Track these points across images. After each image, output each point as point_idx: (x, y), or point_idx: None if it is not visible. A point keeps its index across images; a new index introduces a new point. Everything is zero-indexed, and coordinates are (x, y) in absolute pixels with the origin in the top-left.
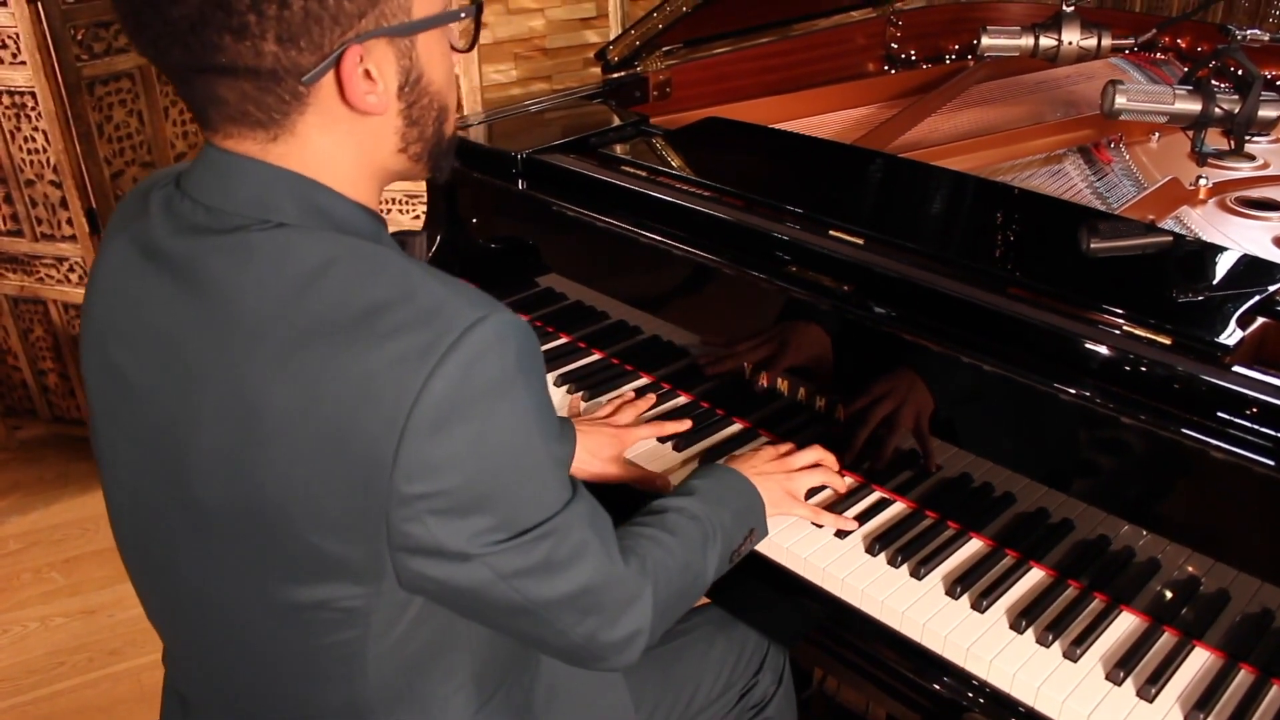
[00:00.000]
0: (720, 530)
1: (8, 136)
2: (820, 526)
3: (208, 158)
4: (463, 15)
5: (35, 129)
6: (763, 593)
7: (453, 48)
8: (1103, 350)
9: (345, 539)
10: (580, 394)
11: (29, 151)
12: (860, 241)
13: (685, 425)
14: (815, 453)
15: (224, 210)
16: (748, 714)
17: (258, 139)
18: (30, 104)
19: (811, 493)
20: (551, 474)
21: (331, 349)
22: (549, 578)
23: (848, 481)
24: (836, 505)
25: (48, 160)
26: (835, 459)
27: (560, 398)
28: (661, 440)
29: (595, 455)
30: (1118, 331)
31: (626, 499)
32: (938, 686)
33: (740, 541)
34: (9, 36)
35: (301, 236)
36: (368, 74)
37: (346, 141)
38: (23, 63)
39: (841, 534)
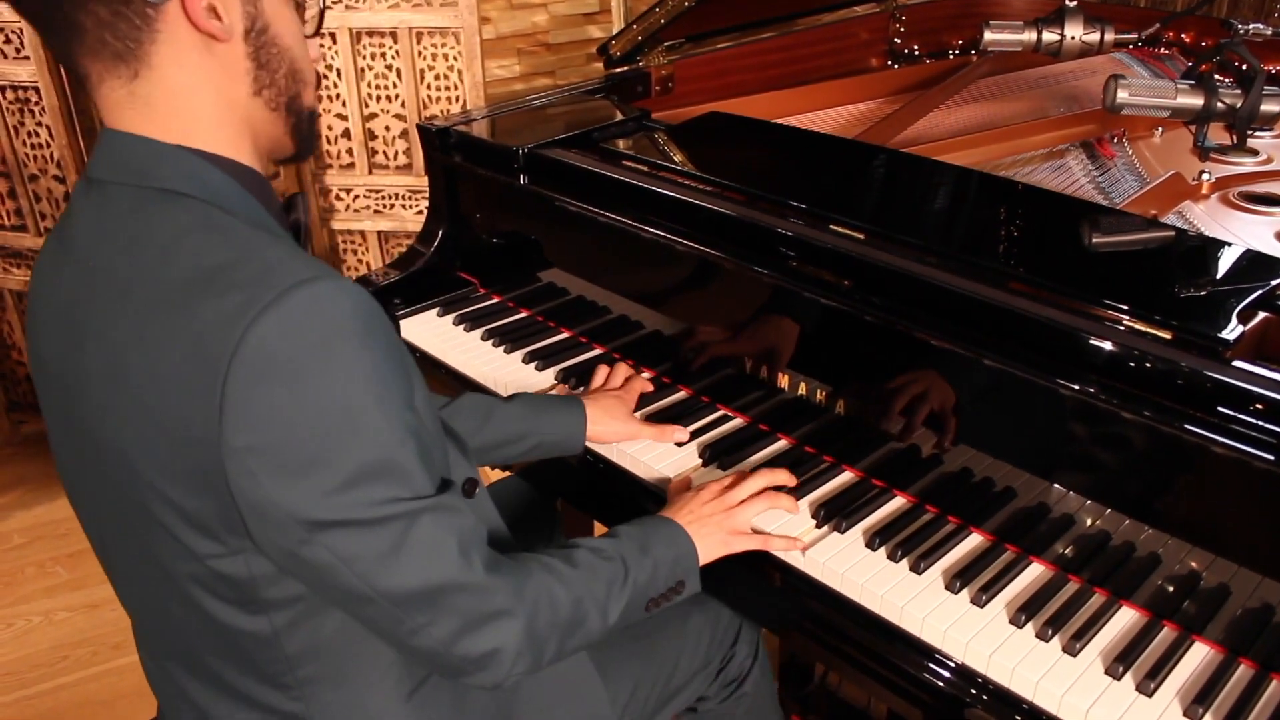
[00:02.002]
0: (633, 575)
1: (11, 131)
2: (819, 523)
3: (101, 139)
4: None
5: (39, 124)
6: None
7: (305, 33)
8: (1103, 345)
9: (200, 496)
10: (581, 389)
11: (33, 146)
12: (861, 236)
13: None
14: (761, 478)
15: (111, 181)
16: (726, 689)
17: (121, 77)
18: (34, 99)
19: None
20: (394, 442)
21: (176, 309)
22: (391, 568)
23: (801, 503)
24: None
25: (51, 155)
26: (787, 474)
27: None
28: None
29: (607, 414)
30: (1118, 326)
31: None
32: (938, 682)
33: (661, 591)
34: (12, 31)
35: (166, 207)
36: (213, 9)
37: (199, 74)
38: (26, 58)
39: (841, 529)
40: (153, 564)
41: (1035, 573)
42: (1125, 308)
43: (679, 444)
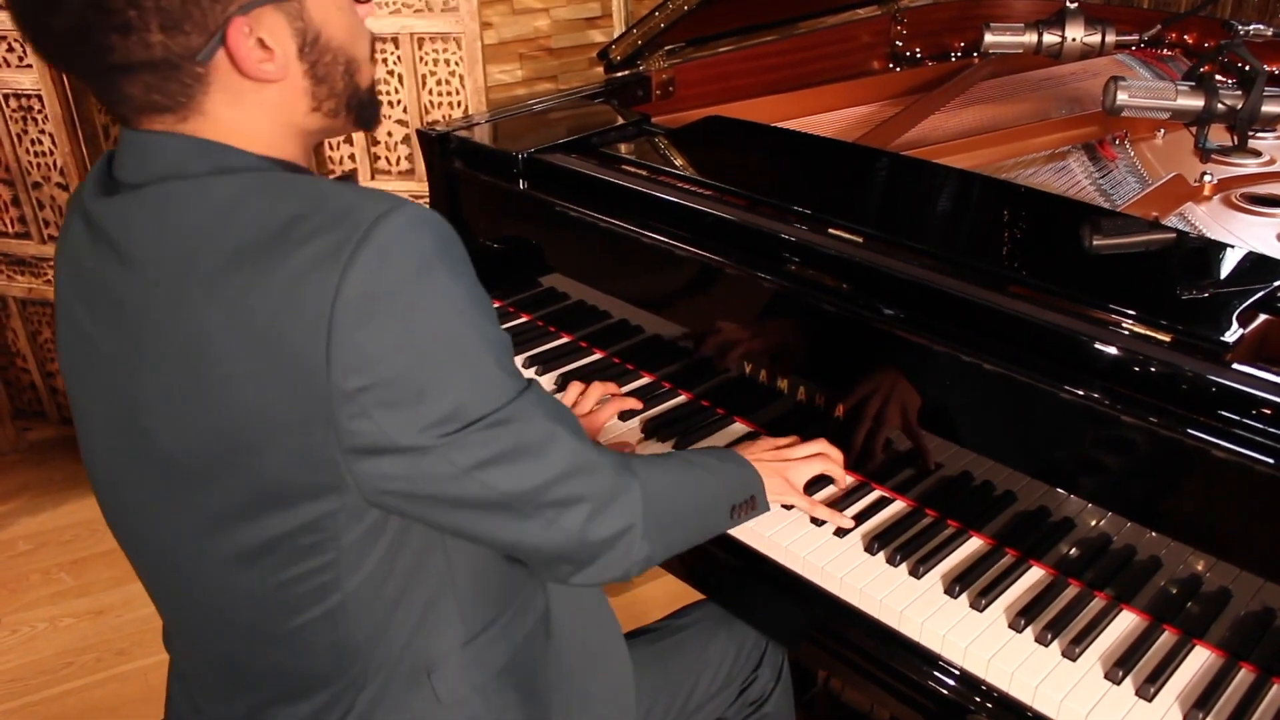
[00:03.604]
0: (720, 474)
1: (15, 139)
2: (819, 524)
3: (125, 139)
4: None
5: (42, 131)
6: (762, 591)
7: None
8: (1103, 348)
9: (297, 454)
10: None
11: (36, 154)
12: (861, 240)
13: (637, 403)
14: (818, 445)
15: (151, 184)
16: (746, 710)
17: (167, 122)
18: (37, 107)
19: (816, 487)
20: (492, 360)
21: (254, 268)
22: (515, 466)
23: (849, 480)
24: (837, 503)
25: (54, 163)
26: (841, 455)
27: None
28: (623, 418)
29: None
30: (1119, 329)
31: None
32: (940, 688)
33: (741, 500)
34: (15, 40)
35: (211, 181)
36: (262, 43)
37: (256, 112)
38: (29, 66)
39: (840, 532)
40: (213, 550)
41: (1035, 577)
42: (1126, 311)
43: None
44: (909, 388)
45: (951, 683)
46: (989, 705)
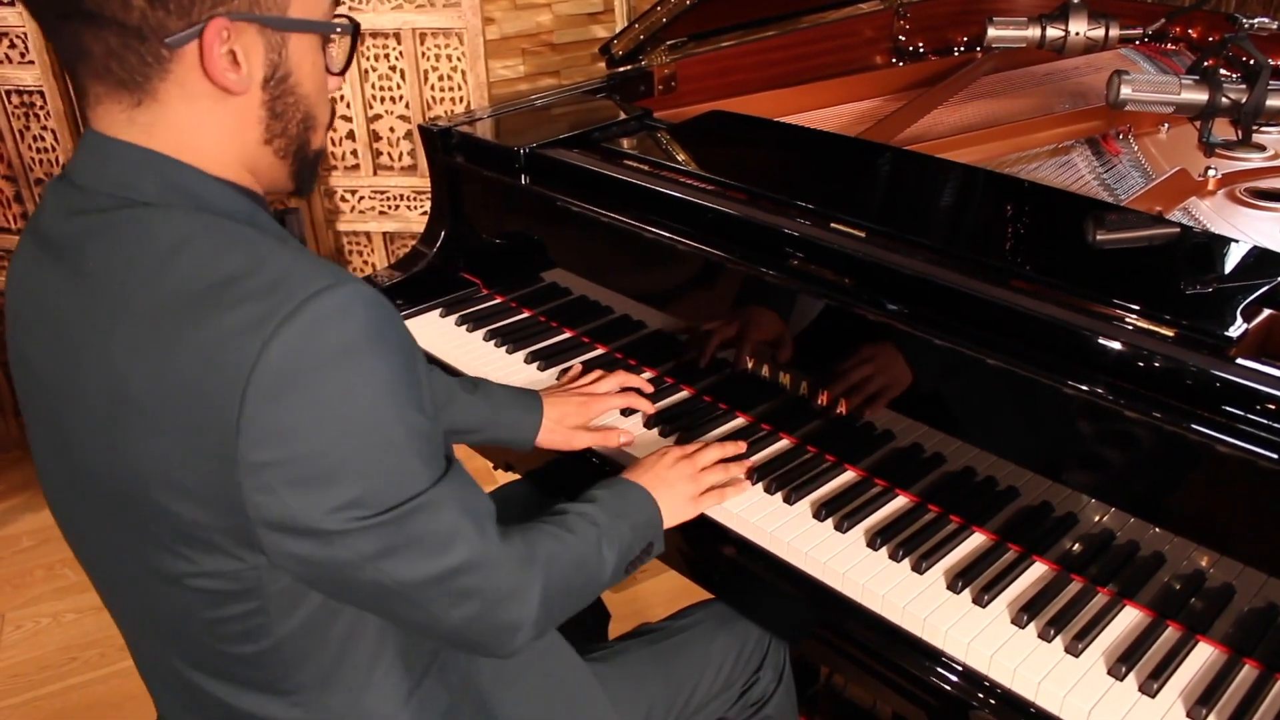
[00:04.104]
0: (617, 538)
1: (17, 136)
2: (821, 520)
3: (86, 140)
4: (338, 30)
5: (44, 128)
6: (764, 588)
7: (328, 70)
8: (1106, 343)
9: (208, 510)
10: (555, 381)
11: (38, 150)
12: (863, 235)
13: (650, 406)
14: (716, 450)
15: (94, 190)
16: (748, 711)
17: (123, 103)
18: (39, 103)
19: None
20: (411, 449)
21: (184, 321)
22: (415, 559)
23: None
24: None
25: (57, 159)
26: (740, 444)
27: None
28: (626, 414)
29: (560, 423)
30: (1122, 324)
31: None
32: (942, 684)
33: (637, 553)
34: (17, 36)
35: (162, 215)
36: (233, 56)
37: (209, 120)
38: (31, 62)
39: (843, 528)
40: (147, 576)
41: (1038, 572)
42: (1129, 305)
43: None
44: (912, 383)
45: (954, 678)
46: (991, 701)
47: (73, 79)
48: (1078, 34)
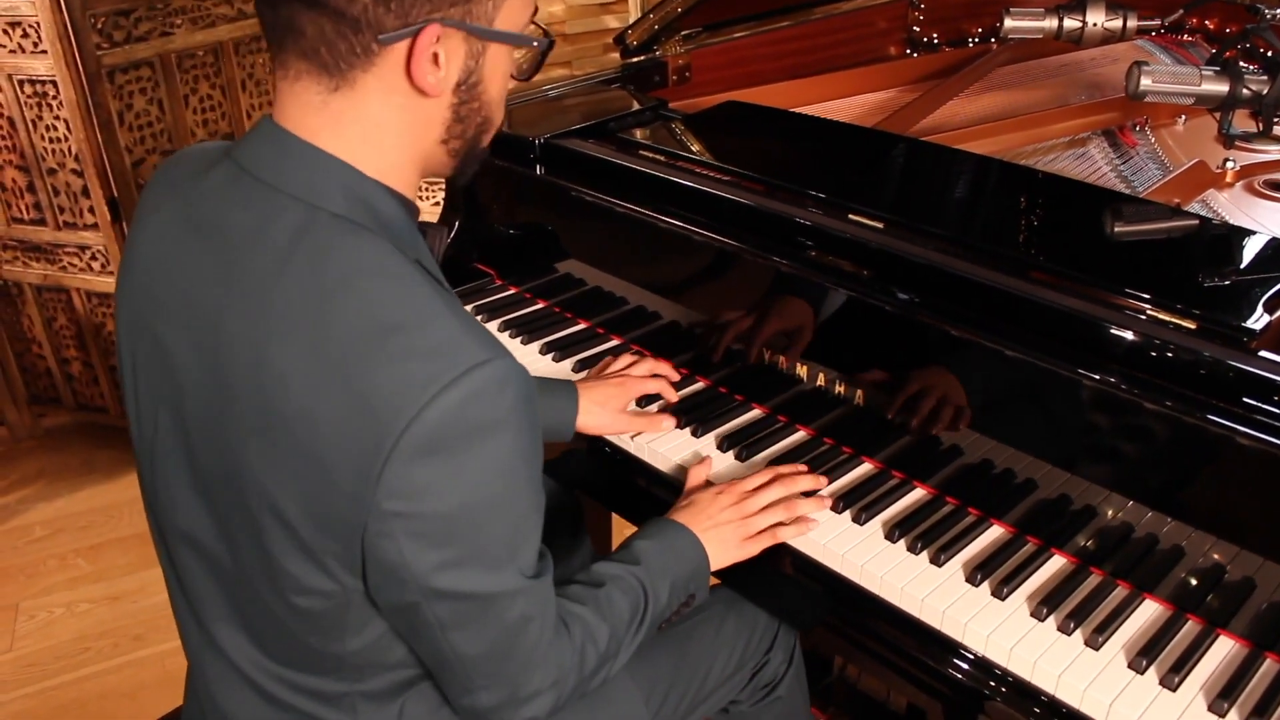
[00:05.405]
0: (653, 605)
1: (29, 126)
2: (840, 512)
3: (263, 131)
4: (535, 43)
5: (57, 118)
6: (780, 576)
7: (513, 76)
8: (1126, 335)
9: (323, 532)
10: (584, 373)
11: (50, 140)
12: (880, 226)
13: (674, 395)
14: (778, 489)
15: (277, 187)
16: (759, 693)
17: (321, 85)
18: (51, 93)
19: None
20: (530, 522)
21: (348, 358)
22: (479, 636)
23: (815, 520)
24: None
25: (69, 149)
26: (811, 479)
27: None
28: (642, 403)
29: (603, 406)
30: (1141, 316)
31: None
32: (958, 674)
33: (674, 609)
34: (30, 25)
35: (342, 239)
36: (435, 58)
37: (397, 115)
38: (44, 51)
39: (860, 520)
40: (247, 563)
41: (1057, 565)
42: (1148, 297)
43: (693, 435)
44: (928, 374)
45: (970, 669)
46: (1003, 690)
47: (274, 51)
48: (1095, 25)
